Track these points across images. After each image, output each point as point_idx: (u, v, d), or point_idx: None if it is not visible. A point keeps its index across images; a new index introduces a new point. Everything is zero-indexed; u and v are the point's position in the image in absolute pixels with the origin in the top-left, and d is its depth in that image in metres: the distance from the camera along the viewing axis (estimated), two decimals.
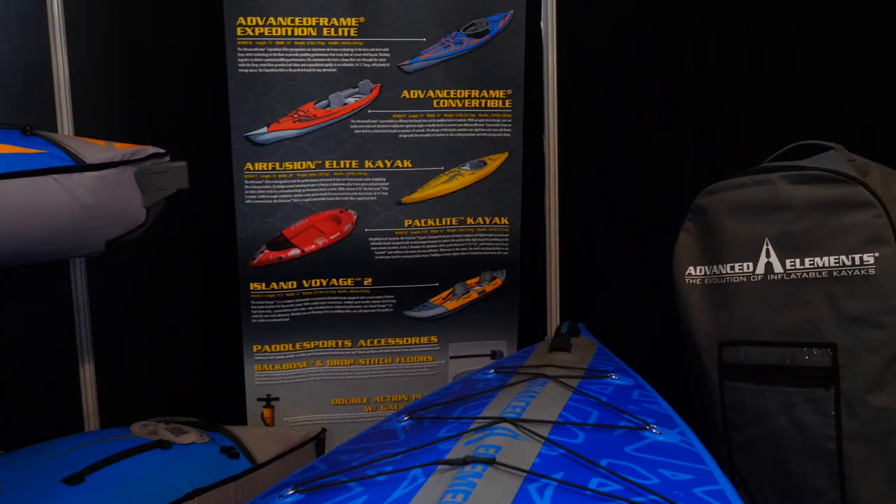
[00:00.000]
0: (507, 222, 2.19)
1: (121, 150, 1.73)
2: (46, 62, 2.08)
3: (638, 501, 0.95)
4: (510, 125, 2.15)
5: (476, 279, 2.22)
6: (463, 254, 2.19)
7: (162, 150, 1.78)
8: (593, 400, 1.32)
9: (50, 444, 1.80)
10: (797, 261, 1.53)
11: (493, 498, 0.92)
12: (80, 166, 1.63)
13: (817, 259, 1.50)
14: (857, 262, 1.46)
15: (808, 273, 1.51)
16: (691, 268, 1.69)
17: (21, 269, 2.01)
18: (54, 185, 1.59)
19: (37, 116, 2.07)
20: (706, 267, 1.67)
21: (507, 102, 2.14)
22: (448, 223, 2.16)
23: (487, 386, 1.42)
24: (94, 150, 1.69)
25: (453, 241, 2.18)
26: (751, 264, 1.58)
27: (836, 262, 1.48)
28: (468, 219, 2.18)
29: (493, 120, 2.14)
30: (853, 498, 1.48)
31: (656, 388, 1.44)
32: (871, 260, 1.45)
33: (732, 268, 1.61)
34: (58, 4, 2.05)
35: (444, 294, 2.21)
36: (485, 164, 2.16)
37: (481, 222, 2.18)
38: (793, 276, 1.53)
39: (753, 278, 1.58)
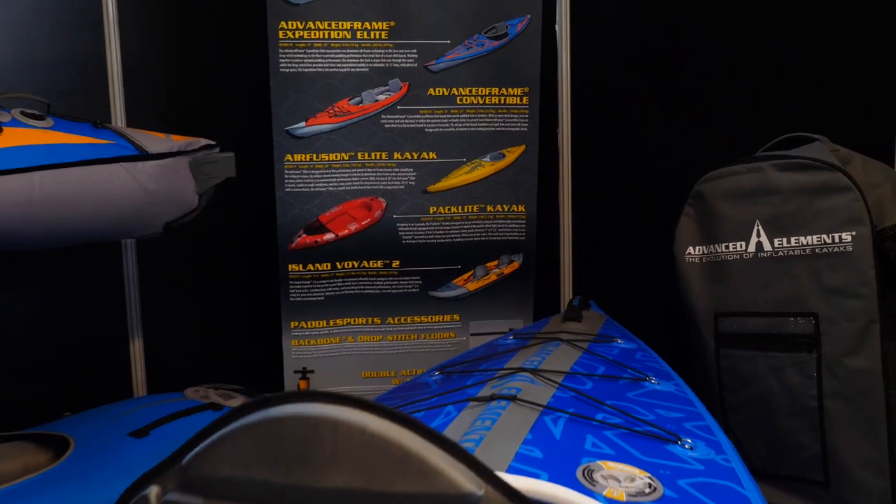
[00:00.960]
0: (523, 209, 2.37)
1: (177, 141, 1.93)
2: (101, 59, 2.28)
3: (636, 429, 1.14)
4: (527, 120, 2.33)
5: (495, 262, 2.40)
6: (483, 238, 2.37)
7: (213, 142, 1.97)
8: (601, 358, 1.50)
9: (115, 405, 2.01)
10: (784, 240, 1.70)
11: (515, 425, 1.11)
12: (144, 156, 1.83)
13: (802, 238, 1.68)
14: (837, 240, 1.64)
15: (793, 251, 1.69)
16: (691, 247, 1.87)
17: (77, 250, 2.21)
18: (122, 173, 1.79)
19: (92, 109, 2.27)
20: (704, 247, 1.84)
21: (525, 99, 2.32)
22: (469, 210, 2.34)
23: (507, 347, 1.62)
24: (154, 141, 1.89)
25: (474, 226, 2.36)
26: (743, 243, 1.76)
27: (818, 241, 1.66)
28: (488, 206, 2.35)
29: (511, 115, 2.32)
30: (832, 450, 1.65)
31: (658, 354, 1.62)
32: (849, 238, 1.63)
33: (727, 247, 1.79)
34: (112, 5, 2.25)
35: (466, 276, 2.39)
36: (503, 155, 2.34)
37: (500, 209, 2.36)
38: (780, 253, 1.71)
39: (746, 256, 1.76)
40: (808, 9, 2.01)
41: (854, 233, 1.62)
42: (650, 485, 0.98)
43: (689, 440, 1.13)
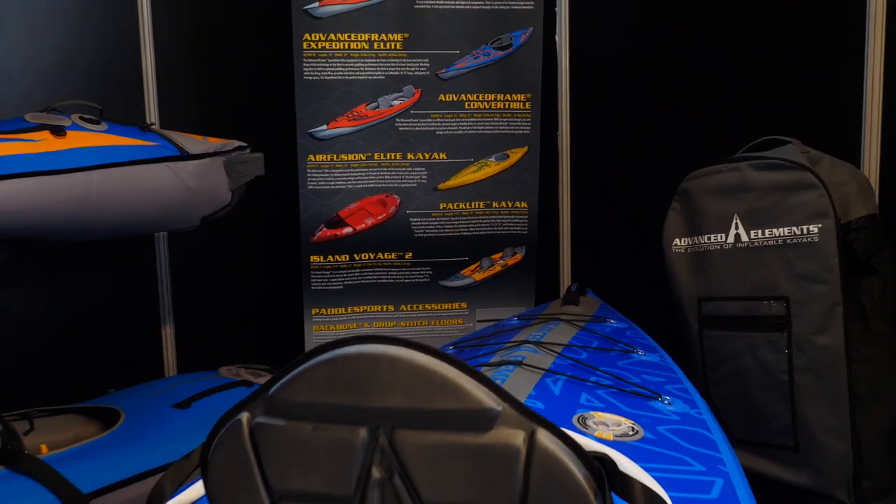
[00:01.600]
0: (526, 206, 2.57)
1: (213, 143, 2.13)
2: (138, 68, 2.49)
3: (624, 389, 1.35)
4: (529, 123, 2.53)
5: (500, 254, 2.60)
6: (489, 232, 2.57)
7: (244, 144, 2.17)
8: (595, 334, 1.71)
9: (157, 381, 2.21)
10: (759, 232, 1.90)
11: (521, 384, 1.32)
12: (185, 156, 2.03)
13: (775, 230, 1.88)
14: (805, 231, 1.84)
15: (767, 241, 1.89)
16: (677, 239, 2.07)
17: (114, 243, 2.42)
18: (166, 171, 1.99)
19: (130, 114, 2.47)
20: (689, 238, 2.05)
21: (527, 104, 2.52)
22: (476, 206, 2.55)
23: (513, 326, 1.82)
24: (194, 142, 2.09)
25: (481, 221, 2.56)
26: (723, 235, 1.96)
27: (789, 233, 1.86)
28: (493, 203, 2.55)
29: (514, 119, 2.52)
30: (801, 419, 1.86)
31: (647, 334, 1.82)
32: (816, 230, 1.83)
33: (709, 238, 1.99)
34: (148, 20, 2.45)
35: (473, 267, 2.59)
36: (508, 156, 2.54)
37: (504, 206, 2.56)
38: (756, 244, 1.91)
39: (725, 246, 1.96)
40: (784, 25, 2.21)
41: (820, 225, 1.82)
42: (633, 429, 1.18)
43: (668, 398, 1.33)
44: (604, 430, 1.16)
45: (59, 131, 1.78)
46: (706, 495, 1.00)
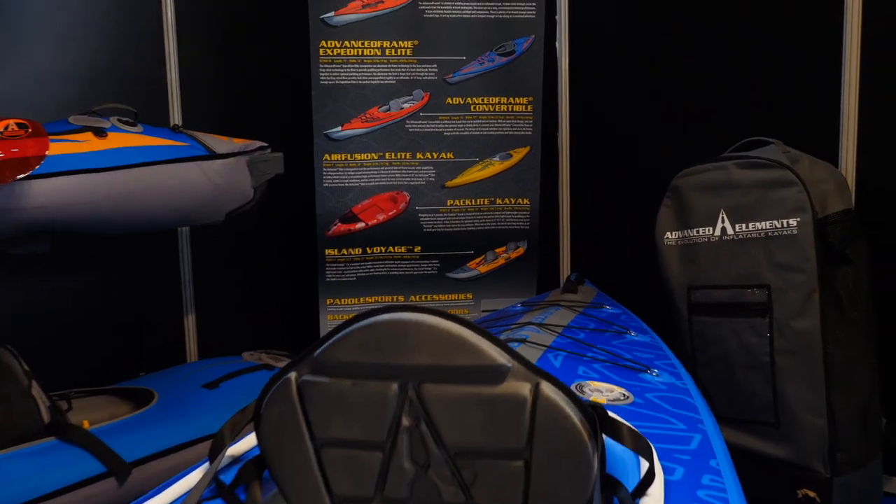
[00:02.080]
0: (528, 202, 2.73)
1: (237, 143, 2.30)
2: (162, 73, 2.65)
3: (617, 363, 1.51)
4: (531, 125, 2.69)
5: (503, 248, 2.76)
6: (493, 227, 2.74)
7: (266, 144, 2.34)
8: (592, 318, 1.88)
9: (186, 365, 2.38)
10: (743, 225, 2.06)
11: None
12: (213, 155, 2.20)
13: (757, 223, 2.04)
14: (785, 225, 2.00)
15: (751, 234, 2.05)
16: (668, 232, 2.23)
17: (140, 237, 2.57)
18: (196, 169, 2.15)
19: (155, 116, 2.63)
20: (679, 232, 2.21)
21: (529, 107, 2.68)
22: (481, 203, 2.71)
23: (516, 311, 1.98)
24: (220, 143, 2.26)
25: (485, 217, 2.73)
26: (711, 228, 2.12)
27: (770, 226, 2.02)
28: (497, 199, 2.72)
29: (517, 121, 2.69)
30: (781, 397, 2.01)
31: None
32: (795, 223, 1.99)
33: (698, 231, 2.15)
34: (171, 28, 2.61)
35: (478, 260, 2.75)
36: (511, 156, 2.70)
37: (508, 202, 2.73)
38: (740, 236, 2.07)
39: (712, 239, 2.12)
40: (767, 37, 2.36)
41: (799, 219, 1.98)
42: (624, 395, 1.35)
43: (656, 371, 1.50)
44: (598, 396, 1.33)
45: (100, 133, 1.94)
46: (686, 447, 1.17)
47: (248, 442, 1.19)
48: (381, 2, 2.54)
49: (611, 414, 1.03)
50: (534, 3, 2.61)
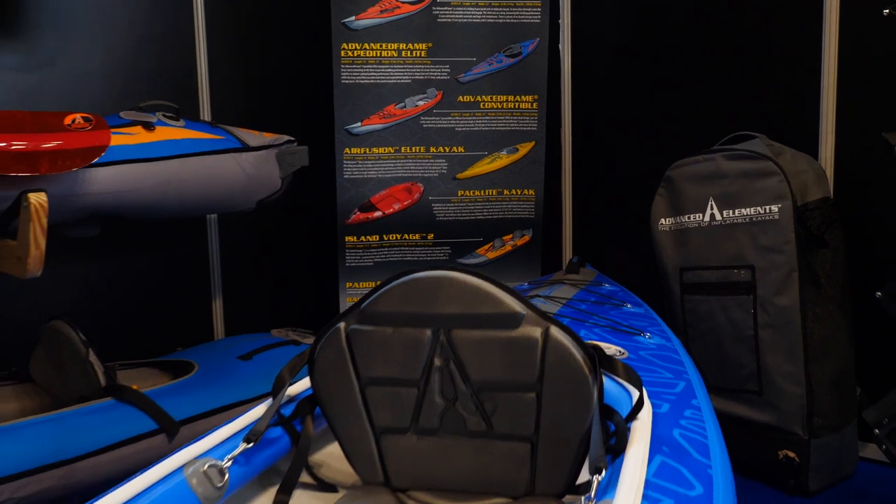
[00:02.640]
0: (533, 193, 2.94)
1: (267, 137, 2.50)
2: (194, 72, 2.85)
3: (615, 328, 1.72)
4: (536, 121, 2.90)
5: (510, 235, 2.96)
6: (500, 216, 2.94)
7: (293, 138, 2.54)
8: (593, 293, 2.08)
9: (221, 340, 2.59)
10: (730, 211, 2.27)
11: None
12: (246, 148, 2.39)
13: (743, 210, 2.25)
14: (768, 211, 2.21)
15: (737, 219, 2.26)
16: (663, 219, 2.44)
17: (170, 225, 2.77)
18: (231, 161, 2.35)
19: (185, 111, 2.82)
20: (672, 218, 2.41)
21: (534, 104, 2.89)
22: (490, 194, 2.92)
23: (524, 289, 2.19)
24: (252, 137, 2.46)
25: (493, 207, 2.93)
26: (701, 214, 2.33)
27: (754, 212, 2.23)
28: (504, 190, 2.92)
29: (523, 117, 2.89)
30: (764, 367, 2.22)
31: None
32: (776, 210, 2.19)
33: (689, 218, 2.35)
34: (202, 31, 2.82)
35: (486, 246, 2.95)
36: (517, 150, 2.91)
37: (514, 193, 2.93)
38: (727, 221, 2.27)
39: (702, 224, 2.33)
40: (755, 41, 2.57)
41: (780, 206, 2.19)
42: (620, 351, 1.55)
43: (649, 334, 1.71)
44: None
45: (149, 126, 2.15)
46: (672, 390, 1.38)
47: (302, 385, 1.40)
48: (398, 7, 2.74)
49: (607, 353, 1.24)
50: (539, 9, 2.82)
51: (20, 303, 2.45)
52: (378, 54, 2.77)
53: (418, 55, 2.79)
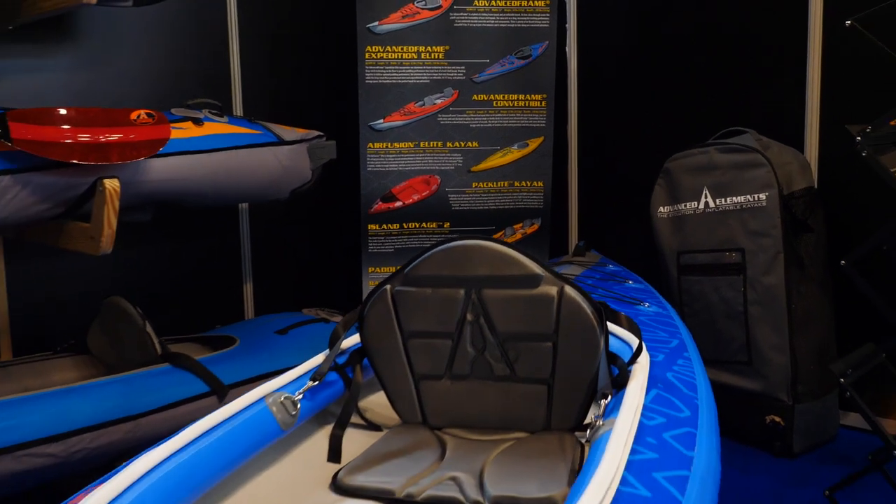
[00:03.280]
0: (542, 185, 3.17)
1: (299, 132, 2.73)
2: (227, 73, 3.09)
3: (618, 299, 1.95)
4: (545, 118, 3.13)
5: (520, 224, 3.19)
6: (511, 206, 3.17)
7: (322, 133, 2.77)
8: (598, 272, 2.32)
9: (257, 318, 2.82)
10: (723, 199, 2.50)
11: None
12: (281, 142, 2.63)
13: (734, 198, 2.48)
14: (756, 199, 2.44)
15: (729, 207, 2.49)
16: (661, 207, 2.67)
17: (208, 215, 3.01)
18: (269, 153, 2.58)
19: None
20: (670, 206, 2.64)
21: (543, 103, 3.12)
22: (502, 185, 3.15)
23: None
24: (286, 132, 2.69)
25: (505, 197, 3.16)
26: (696, 202, 2.56)
27: (744, 200, 2.46)
28: (515, 182, 3.15)
29: (533, 115, 3.12)
30: (753, 340, 2.45)
31: None
32: (764, 197, 2.42)
33: (685, 205, 2.58)
34: (235, 34, 3.06)
35: (498, 234, 3.18)
36: (527, 144, 3.14)
37: (524, 185, 3.16)
38: (720, 209, 2.51)
39: (697, 211, 2.56)
40: (746, 45, 2.80)
41: (767, 194, 2.42)
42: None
43: (648, 303, 1.94)
44: None
45: (198, 122, 2.38)
46: (667, 345, 1.61)
47: (350, 341, 1.63)
48: (418, 13, 2.98)
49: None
50: (547, 15, 3.05)
51: (74, 285, 2.68)
52: (399, 56, 3.00)
53: (436, 57, 3.02)
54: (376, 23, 2.96)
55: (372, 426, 1.61)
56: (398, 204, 3.09)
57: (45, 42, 2.63)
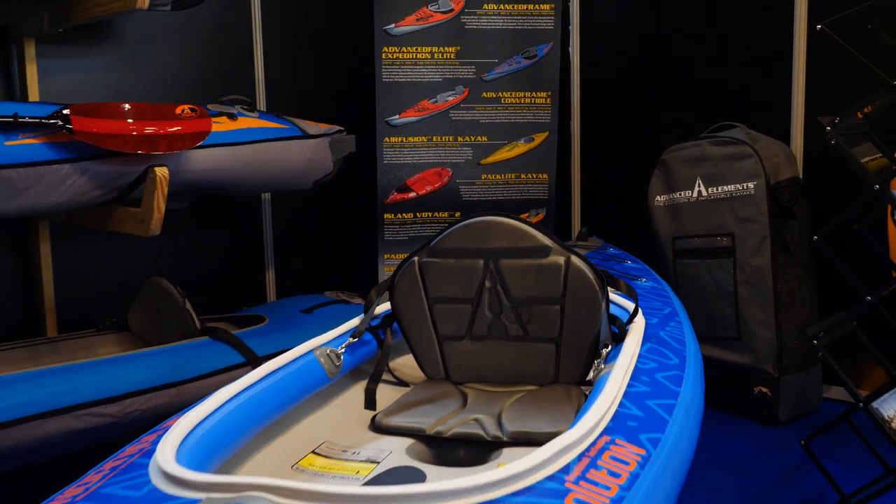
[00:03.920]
0: (546, 177, 3.38)
1: (322, 127, 2.94)
2: (251, 73, 3.30)
3: (621, 272, 2.16)
4: (549, 114, 3.34)
5: (527, 214, 3.40)
6: (518, 197, 3.38)
7: (342, 128, 2.98)
8: (600, 253, 2.53)
9: (282, 300, 3.03)
10: (715, 188, 2.71)
11: None
12: (306, 136, 2.84)
13: (725, 187, 2.69)
14: (745, 188, 2.65)
15: (720, 195, 2.70)
16: (658, 196, 2.88)
17: (230, 204, 3.21)
18: (295, 146, 2.79)
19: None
20: (666, 195, 2.85)
21: (548, 100, 3.33)
22: (509, 177, 3.36)
23: None
24: (310, 126, 2.89)
25: (512, 188, 3.37)
26: (690, 191, 2.77)
27: (734, 189, 2.67)
28: (522, 174, 3.36)
29: (538, 111, 3.33)
30: (742, 317, 2.65)
31: None
32: (752, 186, 2.63)
33: (680, 194, 2.79)
34: (259, 37, 3.28)
35: None
36: (533, 139, 3.35)
37: (530, 177, 3.37)
38: (712, 197, 2.71)
39: (691, 199, 2.77)
40: (738, 45, 3.01)
41: (755, 183, 2.63)
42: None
43: (645, 279, 2.15)
44: None
45: (232, 117, 2.59)
46: (661, 311, 1.82)
47: (381, 308, 1.85)
48: (431, 16, 3.19)
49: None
50: (552, 18, 3.26)
51: (111, 269, 2.90)
52: (414, 56, 3.21)
53: (448, 57, 3.23)
54: (392, 25, 3.17)
55: (401, 383, 1.82)
56: (412, 194, 3.30)
57: (86, 43, 2.85)
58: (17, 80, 2.66)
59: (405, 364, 1.88)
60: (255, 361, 2.44)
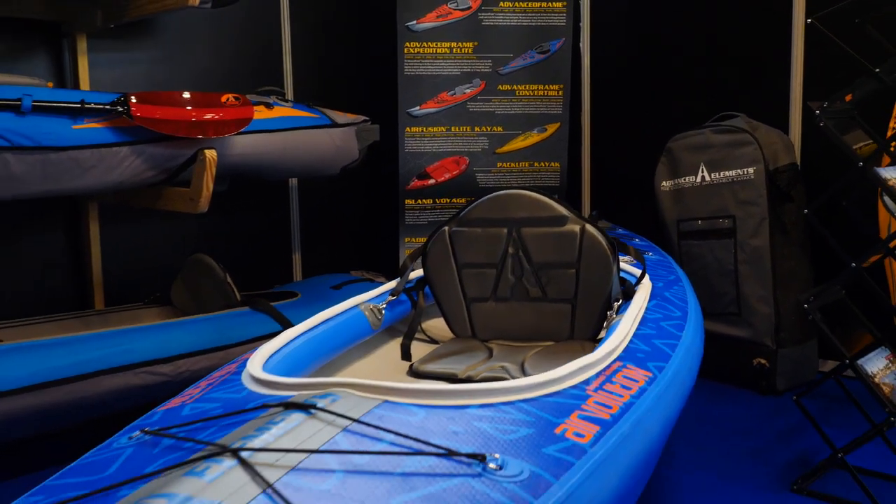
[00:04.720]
0: (558, 165, 3.58)
1: (349, 117, 3.15)
2: (280, 67, 3.51)
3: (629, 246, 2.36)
4: (561, 106, 3.54)
5: None
6: (531, 184, 3.57)
7: (367, 118, 3.19)
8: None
9: (313, 278, 3.24)
10: (717, 174, 2.91)
11: None
12: (335, 125, 3.04)
13: (727, 172, 2.88)
14: (745, 173, 2.84)
15: (722, 180, 2.89)
16: (664, 182, 3.08)
17: (260, 189, 3.42)
18: (324, 134, 3.00)
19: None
20: (672, 181, 3.05)
21: (560, 92, 3.53)
22: (523, 165, 3.56)
23: None
24: (338, 116, 3.10)
25: (526, 176, 3.57)
26: (694, 177, 2.97)
27: (735, 174, 2.86)
28: (535, 163, 3.56)
29: (551, 103, 3.53)
30: (742, 294, 2.85)
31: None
32: (752, 171, 2.83)
33: (684, 179, 2.99)
34: (288, 33, 3.48)
35: None
36: (546, 129, 3.54)
37: (543, 165, 3.57)
38: (715, 182, 2.91)
39: (695, 184, 2.96)
40: (740, 40, 3.21)
41: (755, 168, 2.82)
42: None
43: (651, 252, 2.35)
44: None
45: (269, 106, 2.80)
46: (665, 278, 2.02)
47: (414, 274, 2.05)
48: (450, 13, 3.39)
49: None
50: (564, 14, 3.46)
51: (152, 248, 3.12)
52: (434, 51, 3.41)
53: (466, 52, 3.43)
54: (414, 21, 3.37)
55: (432, 341, 2.03)
56: (432, 181, 3.50)
57: (132, 38, 3.06)
58: (68, 71, 2.87)
59: (435, 325, 2.08)
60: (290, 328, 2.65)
